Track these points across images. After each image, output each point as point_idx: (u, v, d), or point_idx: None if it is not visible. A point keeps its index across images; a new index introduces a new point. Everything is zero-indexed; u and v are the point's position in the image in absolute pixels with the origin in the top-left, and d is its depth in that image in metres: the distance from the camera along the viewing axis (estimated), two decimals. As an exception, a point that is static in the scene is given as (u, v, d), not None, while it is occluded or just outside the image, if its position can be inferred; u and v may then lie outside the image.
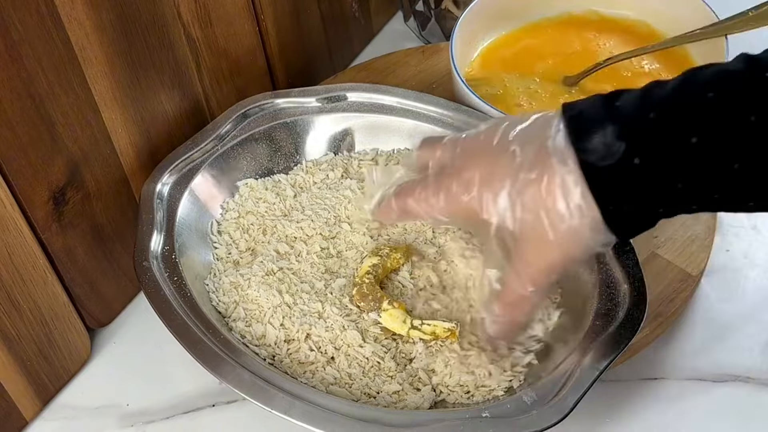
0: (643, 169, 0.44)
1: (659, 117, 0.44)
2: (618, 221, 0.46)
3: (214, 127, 0.66)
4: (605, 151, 0.45)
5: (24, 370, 0.59)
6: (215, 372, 0.51)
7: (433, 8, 0.84)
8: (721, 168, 0.43)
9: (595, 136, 0.45)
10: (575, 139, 0.46)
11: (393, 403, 0.54)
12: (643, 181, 0.45)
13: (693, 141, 0.43)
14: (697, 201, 0.46)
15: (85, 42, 0.56)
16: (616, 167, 0.45)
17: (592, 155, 0.45)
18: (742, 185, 0.44)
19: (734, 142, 0.43)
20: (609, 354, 0.52)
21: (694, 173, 0.44)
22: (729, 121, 0.43)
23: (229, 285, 0.59)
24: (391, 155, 0.68)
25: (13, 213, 0.55)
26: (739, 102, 0.43)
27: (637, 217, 0.47)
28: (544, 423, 0.48)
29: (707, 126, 0.43)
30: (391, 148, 0.68)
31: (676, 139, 0.44)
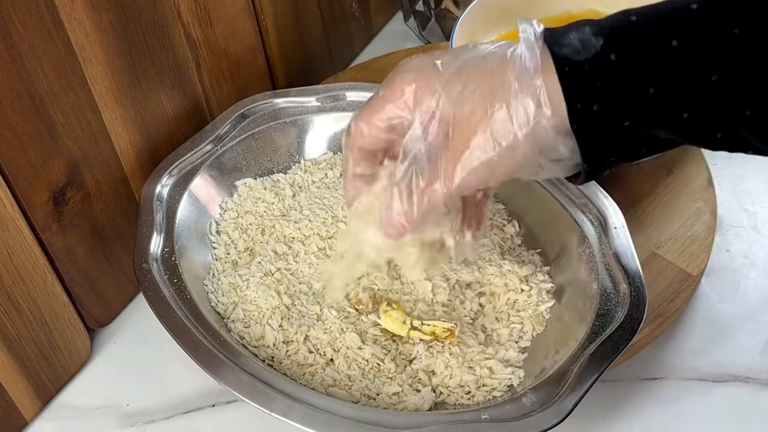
0: (617, 65, 0.43)
1: (641, 19, 0.43)
2: (583, 125, 0.44)
3: (213, 128, 0.66)
4: (581, 46, 0.43)
5: (24, 370, 0.59)
6: (215, 374, 0.51)
7: (433, 8, 0.84)
8: (696, 77, 0.42)
9: (572, 33, 0.44)
10: (550, 36, 0.44)
11: (393, 405, 0.54)
12: (616, 79, 0.43)
13: (673, 44, 0.42)
14: (666, 116, 0.43)
15: (85, 42, 0.56)
16: (590, 62, 0.43)
17: (567, 48, 0.43)
18: (714, 101, 0.42)
19: (714, 51, 0.41)
20: (609, 354, 0.52)
21: (669, 78, 0.42)
22: (711, 30, 0.41)
23: (227, 286, 0.59)
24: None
25: (13, 213, 0.55)
26: (724, 13, 0.41)
27: (602, 127, 0.44)
28: (544, 424, 0.48)
29: (688, 32, 0.42)
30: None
31: (655, 40, 0.42)
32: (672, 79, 0.42)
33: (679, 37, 0.42)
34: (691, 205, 0.67)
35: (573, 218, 0.61)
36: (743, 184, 0.73)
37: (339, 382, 0.55)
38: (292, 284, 0.59)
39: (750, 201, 0.72)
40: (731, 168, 0.74)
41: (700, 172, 0.70)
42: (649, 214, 0.67)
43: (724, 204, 0.70)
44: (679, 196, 0.68)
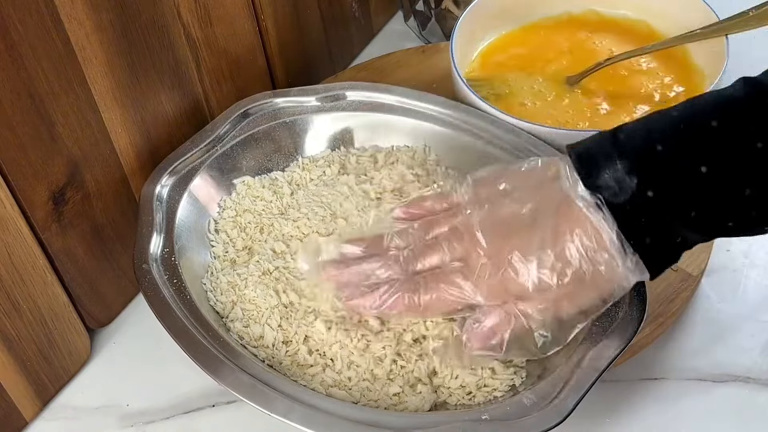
0: (656, 201, 0.45)
1: (666, 149, 0.44)
2: (642, 256, 0.47)
3: (213, 128, 0.66)
4: (618, 187, 0.45)
5: (24, 370, 0.59)
6: (215, 375, 0.51)
7: (433, 8, 0.84)
8: (732, 195, 0.44)
9: (606, 173, 0.46)
10: (586, 178, 0.46)
11: (393, 405, 0.54)
12: (658, 213, 0.45)
13: (702, 170, 0.44)
14: (712, 229, 0.46)
15: (85, 42, 0.56)
16: (630, 202, 0.45)
17: (605, 192, 0.46)
18: (754, 210, 0.44)
19: (743, 169, 0.43)
20: (609, 354, 0.52)
21: (706, 202, 0.44)
22: (736, 149, 0.43)
23: (226, 284, 0.59)
24: (390, 152, 0.68)
25: (13, 213, 0.55)
26: (744, 129, 0.43)
27: (658, 250, 0.47)
28: (544, 425, 0.48)
29: (714, 155, 0.44)
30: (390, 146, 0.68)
31: (686, 170, 0.44)
32: (709, 201, 0.44)
33: (707, 163, 0.44)
34: (691, 205, 0.67)
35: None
36: (743, 184, 0.73)
37: (339, 382, 0.55)
38: (291, 283, 0.59)
39: (750, 201, 0.72)
40: (731, 168, 0.74)
41: (700, 172, 0.70)
42: (649, 214, 0.67)
43: (724, 204, 0.70)
44: (679, 196, 0.68)
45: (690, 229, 0.46)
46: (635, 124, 0.47)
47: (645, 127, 0.46)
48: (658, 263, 0.48)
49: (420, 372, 0.55)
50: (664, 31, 0.75)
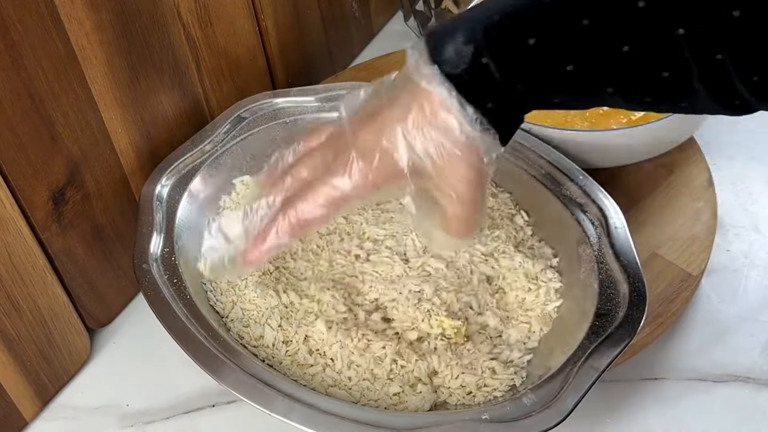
0: (490, 68, 0.46)
1: (501, 19, 0.46)
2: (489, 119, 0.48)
3: (213, 128, 0.66)
4: (457, 58, 0.47)
5: (24, 370, 0.59)
6: (215, 375, 0.51)
7: (433, 8, 0.84)
8: (556, 69, 0.45)
9: (448, 46, 0.47)
10: (434, 55, 0.47)
11: (393, 405, 0.54)
12: (491, 79, 0.46)
13: (530, 42, 0.45)
14: (540, 100, 0.48)
15: (85, 42, 0.56)
16: (468, 71, 0.46)
17: (447, 65, 0.47)
18: (577, 87, 0.46)
19: (568, 44, 0.45)
20: (609, 354, 0.52)
21: (532, 74, 0.46)
22: (563, 24, 0.44)
23: (226, 284, 0.59)
24: None
25: (13, 213, 0.55)
26: (574, 5, 0.44)
27: (501, 114, 0.48)
28: (544, 425, 0.48)
29: (543, 28, 0.45)
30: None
31: (516, 41, 0.46)
32: (535, 74, 0.46)
33: (535, 35, 0.45)
34: (691, 205, 0.67)
35: (573, 218, 0.61)
36: (743, 184, 0.73)
37: (339, 382, 0.55)
38: (291, 283, 0.59)
39: (750, 201, 0.72)
40: (731, 168, 0.74)
41: (700, 172, 0.70)
42: (649, 214, 0.67)
43: (725, 204, 0.70)
44: (679, 196, 0.68)
45: (522, 99, 0.48)
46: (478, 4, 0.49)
47: (485, 3, 0.48)
48: (505, 124, 0.49)
49: (420, 372, 0.55)
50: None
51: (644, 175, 0.70)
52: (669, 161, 0.70)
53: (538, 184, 0.63)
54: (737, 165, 0.74)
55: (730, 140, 0.76)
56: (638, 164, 0.70)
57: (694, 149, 0.71)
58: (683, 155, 0.71)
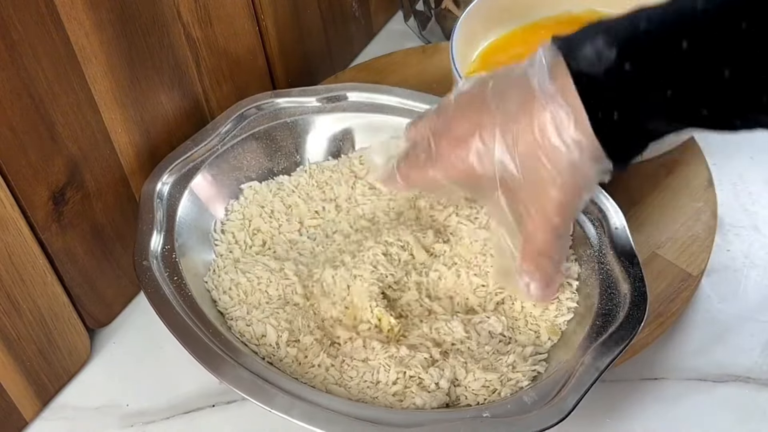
0: (633, 74, 0.44)
1: (650, 25, 0.44)
2: (610, 136, 0.46)
3: (214, 127, 0.66)
4: (596, 58, 0.45)
5: (24, 370, 0.59)
6: (215, 372, 0.51)
7: (433, 8, 0.84)
8: (710, 75, 0.42)
9: (586, 45, 0.45)
10: (566, 51, 0.46)
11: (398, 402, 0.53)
12: (633, 86, 0.44)
13: (684, 46, 0.42)
14: (686, 114, 0.45)
15: (85, 42, 0.56)
16: (607, 73, 0.44)
17: (583, 62, 0.45)
18: (730, 96, 0.43)
19: (725, 47, 0.42)
20: (609, 354, 0.52)
21: (684, 80, 0.43)
22: (720, 27, 0.42)
23: (229, 282, 0.59)
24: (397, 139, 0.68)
25: (13, 213, 0.55)
26: (731, 8, 0.42)
27: (626, 131, 0.46)
28: (545, 423, 0.48)
29: (698, 31, 0.42)
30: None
31: (667, 44, 0.43)
32: (686, 80, 0.43)
33: (688, 38, 0.42)
34: (691, 205, 0.67)
35: (573, 218, 0.61)
36: (743, 184, 0.73)
37: (341, 381, 0.54)
38: (295, 283, 0.59)
39: (750, 201, 0.72)
40: (731, 168, 0.74)
41: (700, 172, 0.70)
42: (649, 214, 0.67)
43: (724, 204, 0.70)
44: (679, 196, 0.68)
45: (662, 111, 0.45)
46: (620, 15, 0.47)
47: (629, 14, 0.46)
48: (623, 146, 0.47)
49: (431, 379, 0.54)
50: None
51: (644, 175, 0.70)
52: (669, 161, 0.70)
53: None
54: (737, 165, 0.74)
55: (730, 140, 0.76)
56: (638, 164, 0.69)
57: (694, 149, 0.71)
58: (683, 155, 0.71)
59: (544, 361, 0.55)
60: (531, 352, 0.55)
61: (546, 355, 0.55)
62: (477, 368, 0.54)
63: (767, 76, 0.41)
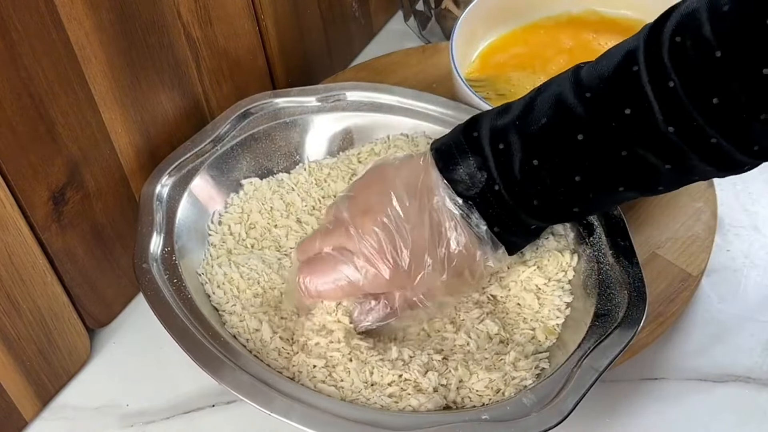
0: (503, 194, 0.51)
1: (506, 146, 0.50)
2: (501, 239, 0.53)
3: (213, 128, 0.66)
4: (470, 181, 0.51)
5: (24, 370, 0.59)
6: (215, 375, 0.51)
7: (433, 8, 0.84)
8: (564, 182, 0.49)
9: (460, 167, 0.51)
10: (443, 171, 0.52)
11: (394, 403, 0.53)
12: (505, 204, 0.51)
13: (534, 163, 0.49)
14: (560, 214, 0.52)
15: (85, 41, 0.56)
16: (480, 195, 0.51)
17: (460, 185, 0.51)
18: (590, 193, 0.49)
19: (569, 158, 0.48)
20: (609, 354, 0.52)
21: (543, 191, 0.50)
22: (560, 142, 0.48)
23: (222, 277, 0.59)
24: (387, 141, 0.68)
25: (12, 213, 0.55)
26: (567, 124, 0.48)
27: (509, 236, 0.53)
28: (544, 425, 0.48)
29: (543, 149, 0.49)
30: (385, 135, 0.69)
31: (522, 164, 0.49)
32: (545, 190, 0.50)
33: (538, 156, 0.49)
34: (691, 205, 0.67)
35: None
36: (743, 184, 0.73)
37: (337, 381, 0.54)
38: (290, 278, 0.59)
39: (750, 201, 0.72)
40: (731, 168, 0.74)
41: (700, 172, 0.70)
42: (649, 214, 0.67)
43: (724, 204, 0.70)
44: (679, 196, 0.68)
45: (537, 217, 0.52)
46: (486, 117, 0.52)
47: (491, 124, 0.51)
48: (511, 246, 0.54)
49: (429, 383, 0.54)
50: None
51: (644, 175, 0.70)
52: (669, 161, 0.70)
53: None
54: (737, 165, 0.74)
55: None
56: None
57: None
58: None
59: (546, 359, 0.55)
60: (532, 350, 0.56)
61: (547, 353, 0.55)
62: (479, 369, 0.54)
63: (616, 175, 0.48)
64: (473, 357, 0.55)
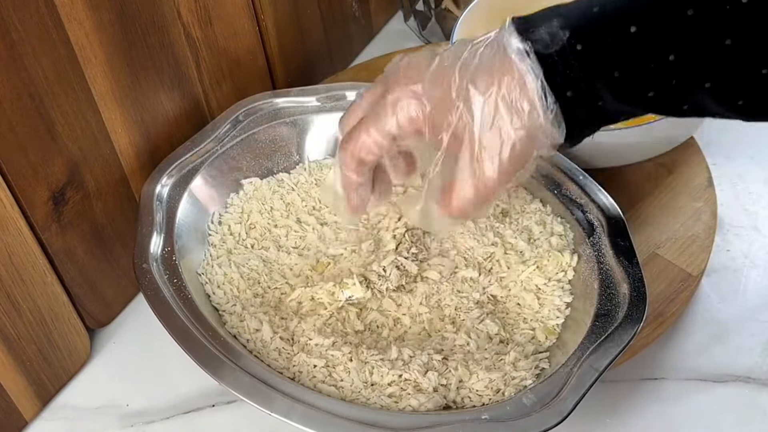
0: (584, 54, 0.46)
1: (602, 9, 0.46)
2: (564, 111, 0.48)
3: (213, 128, 0.66)
4: (550, 39, 0.47)
5: (24, 370, 0.59)
6: (215, 375, 0.51)
7: (433, 8, 0.84)
8: (656, 58, 0.45)
9: (541, 28, 0.47)
10: (522, 30, 0.47)
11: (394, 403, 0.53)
12: (583, 66, 0.46)
13: (632, 30, 0.45)
14: (633, 96, 0.47)
15: (85, 42, 0.56)
16: (559, 53, 0.46)
17: (538, 44, 0.47)
18: (675, 79, 0.45)
19: (671, 33, 0.44)
20: (609, 354, 0.52)
21: (631, 62, 0.45)
22: (667, 13, 0.44)
23: (222, 277, 0.59)
24: None
25: (13, 213, 0.55)
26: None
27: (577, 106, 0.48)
28: (544, 425, 0.48)
29: (645, 16, 0.45)
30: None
31: (616, 28, 0.45)
32: (633, 62, 0.45)
33: (636, 22, 0.45)
34: (691, 205, 0.67)
35: (573, 218, 0.61)
36: (743, 184, 0.73)
37: (337, 381, 0.54)
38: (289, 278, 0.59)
39: (750, 201, 0.72)
40: (731, 168, 0.74)
41: (700, 172, 0.70)
42: (649, 214, 0.67)
43: (724, 204, 0.70)
44: (679, 196, 0.68)
45: (611, 91, 0.47)
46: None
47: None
48: (576, 123, 0.49)
49: (429, 383, 0.54)
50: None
51: (644, 175, 0.70)
52: (669, 161, 0.70)
53: (537, 184, 0.63)
54: (737, 165, 0.74)
55: (730, 140, 0.76)
56: (638, 164, 0.70)
57: (694, 149, 0.71)
58: (683, 155, 0.71)
59: (546, 359, 0.55)
60: (532, 350, 0.56)
61: (547, 353, 0.55)
62: (479, 369, 0.54)
63: (710, 62, 0.44)
64: (473, 357, 0.55)
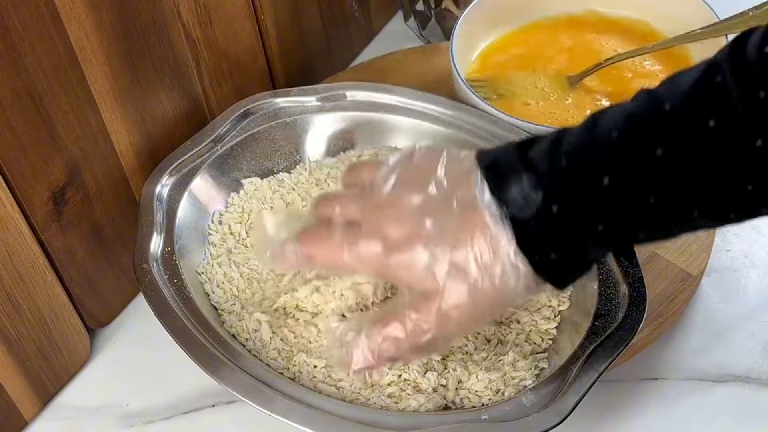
0: (561, 216, 0.44)
1: (569, 162, 0.44)
2: (549, 270, 0.46)
3: (213, 128, 0.66)
4: (524, 202, 0.45)
5: (24, 370, 0.59)
6: (215, 375, 0.51)
7: (433, 8, 0.84)
8: (637, 204, 0.43)
9: (513, 187, 0.45)
10: (494, 190, 0.46)
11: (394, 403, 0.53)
12: (563, 228, 0.45)
13: (605, 182, 0.43)
14: (623, 239, 0.46)
15: (85, 42, 0.56)
16: (536, 218, 0.45)
17: (513, 207, 0.45)
18: (662, 218, 0.44)
19: (645, 177, 0.43)
20: (609, 355, 0.52)
21: (612, 213, 0.44)
22: (636, 158, 0.43)
23: (222, 277, 0.59)
24: (392, 149, 0.68)
25: (13, 213, 0.55)
26: (644, 137, 0.43)
27: (565, 265, 0.46)
28: (544, 425, 0.48)
29: (616, 165, 0.43)
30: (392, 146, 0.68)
31: (589, 183, 0.44)
32: (614, 213, 0.44)
33: (609, 173, 0.43)
34: (691, 205, 0.67)
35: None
36: (743, 184, 0.73)
37: (336, 381, 0.54)
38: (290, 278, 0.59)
39: (750, 201, 0.72)
40: (731, 168, 0.74)
41: (700, 172, 0.70)
42: (650, 214, 0.67)
43: (725, 204, 0.70)
44: (679, 196, 0.68)
45: (598, 242, 0.45)
46: (542, 139, 0.46)
47: (551, 142, 0.46)
48: (566, 277, 0.47)
49: (428, 383, 0.54)
50: (664, 31, 0.75)
51: (644, 175, 0.70)
52: (669, 161, 0.70)
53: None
54: (737, 165, 0.74)
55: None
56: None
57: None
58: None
59: (545, 359, 0.55)
60: (530, 350, 0.56)
61: (546, 353, 0.55)
62: (479, 370, 0.54)
63: (692, 194, 0.42)
64: (472, 358, 0.55)
